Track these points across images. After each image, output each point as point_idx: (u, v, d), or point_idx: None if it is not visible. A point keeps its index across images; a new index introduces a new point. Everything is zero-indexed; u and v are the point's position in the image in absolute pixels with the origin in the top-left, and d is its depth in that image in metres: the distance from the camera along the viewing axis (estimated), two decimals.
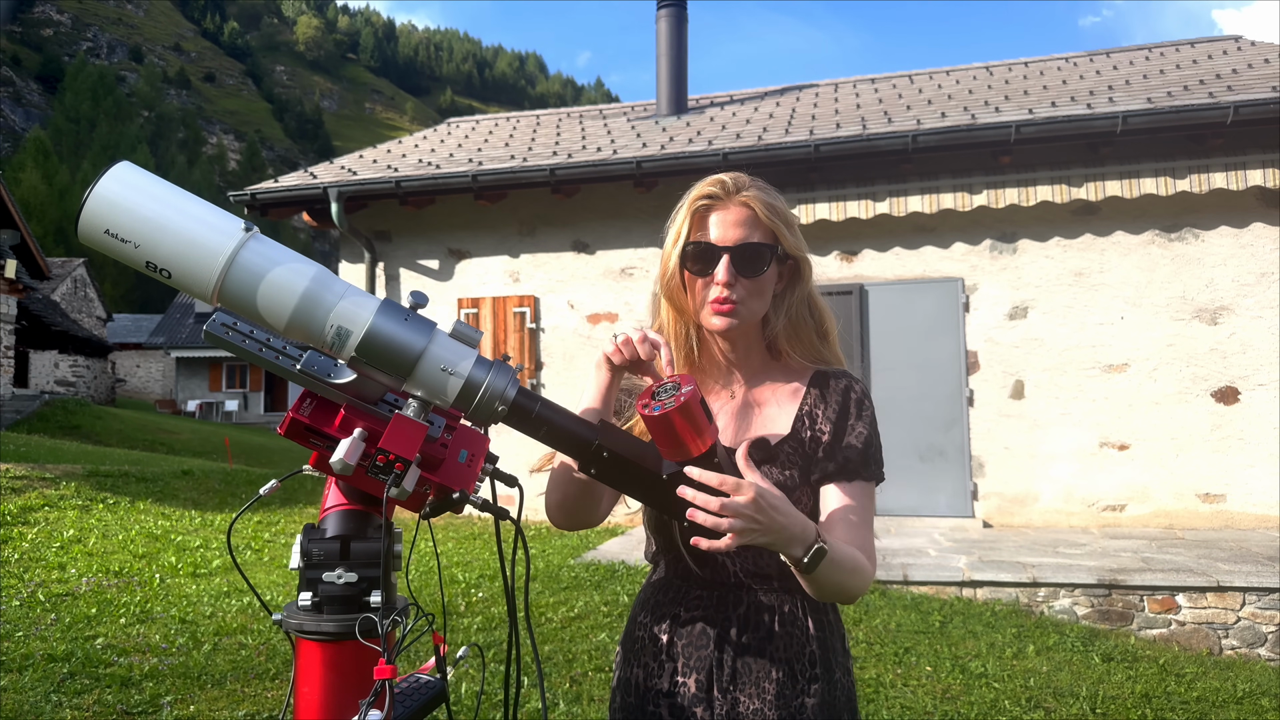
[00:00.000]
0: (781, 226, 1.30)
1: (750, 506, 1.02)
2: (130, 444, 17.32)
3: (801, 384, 1.37)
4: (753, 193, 1.30)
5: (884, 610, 4.94)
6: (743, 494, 1.02)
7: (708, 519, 1.02)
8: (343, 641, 0.93)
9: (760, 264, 1.28)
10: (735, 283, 1.27)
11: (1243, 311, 6.81)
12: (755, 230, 1.28)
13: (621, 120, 10.11)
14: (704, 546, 1.04)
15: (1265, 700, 3.89)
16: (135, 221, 0.85)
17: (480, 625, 4.64)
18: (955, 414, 7.31)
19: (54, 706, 3.40)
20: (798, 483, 1.30)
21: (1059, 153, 6.96)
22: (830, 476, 1.30)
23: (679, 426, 0.99)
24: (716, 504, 1.02)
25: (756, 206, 1.28)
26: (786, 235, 1.30)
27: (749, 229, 1.28)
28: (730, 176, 1.31)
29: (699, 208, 1.30)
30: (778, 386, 1.38)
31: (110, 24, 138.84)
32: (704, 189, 1.30)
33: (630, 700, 1.33)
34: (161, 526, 6.94)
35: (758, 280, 1.29)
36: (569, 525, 1.36)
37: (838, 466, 1.30)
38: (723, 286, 1.27)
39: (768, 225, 1.29)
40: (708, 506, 1.02)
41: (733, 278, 1.27)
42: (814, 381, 1.37)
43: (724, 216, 1.28)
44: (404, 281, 8.72)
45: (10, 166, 56.37)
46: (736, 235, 1.27)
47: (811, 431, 1.34)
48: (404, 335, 0.90)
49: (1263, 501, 6.65)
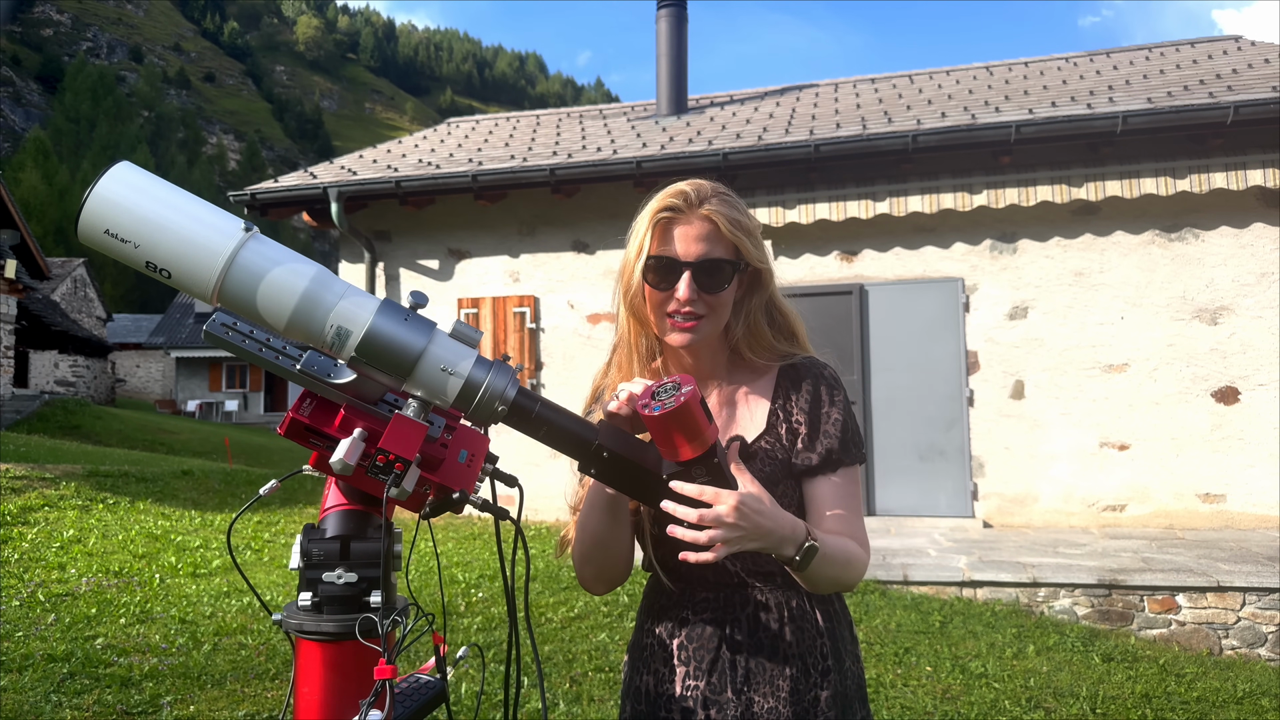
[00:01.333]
0: (744, 239, 1.28)
1: (732, 515, 1.02)
2: (130, 444, 17.32)
3: (770, 380, 1.38)
4: (715, 205, 1.27)
5: (884, 610, 4.94)
6: (722, 503, 1.02)
7: (687, 533, 1.02)
8: (343, 641, 0.93)
9: (722, 280, 1.27)
10: (697, 298, 1.26)
11: (1243, 311, 6.81)
12: (717, 245, 1.26)
13: (621, 120, 10.11)
14: (691, 559, 1.04)
15: (1265, 700, 3.89)
16: (135, 221, 0.85)
17: (480, 625, 4.64)
18: (955, 414, 7.31)
19: (54, 706, 3.40)
20: (779, 478, 1.31)
21: (1059, 153, 6.96)
22: (815, 469, 1.30)
23: (679, 427, 0.99)
24: (695, 515, 1.02)
25: (719, 220, 1.26)
26: (749, 248, 1.29)
27: (711, 244, 1.26)
28: (692, 187, 1.29)
29: (661, 220, 1.27)
30: (747, 386, 1.38)
31: (110, 24, 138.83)
32: (665, 200, 1.28)
33: (641, 708, 1.33)
34: (161, 526, 6.94)
35: (719, 295, 1.28)
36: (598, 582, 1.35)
37: (821, 459, 1.30)
38: (683, 302, 1.25)
39: (730, 239, 1.27)
40: (686, 519, 1.02)
41: (694, 294, 1.25)
42: (782, 375, 1.37)
43: (686, 230, 1.26)
44: (404, 281, 8.72)
45: (10, 166, 56.36)
46: (698, 250, 1.25)
47: (788, 425, 1.34)
48: (404, 335, 0.90)
49: (1263, 501, 6.65)
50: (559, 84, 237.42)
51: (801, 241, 7.68)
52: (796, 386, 1.35)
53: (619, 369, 1.39)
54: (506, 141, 9.69)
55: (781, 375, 1.38)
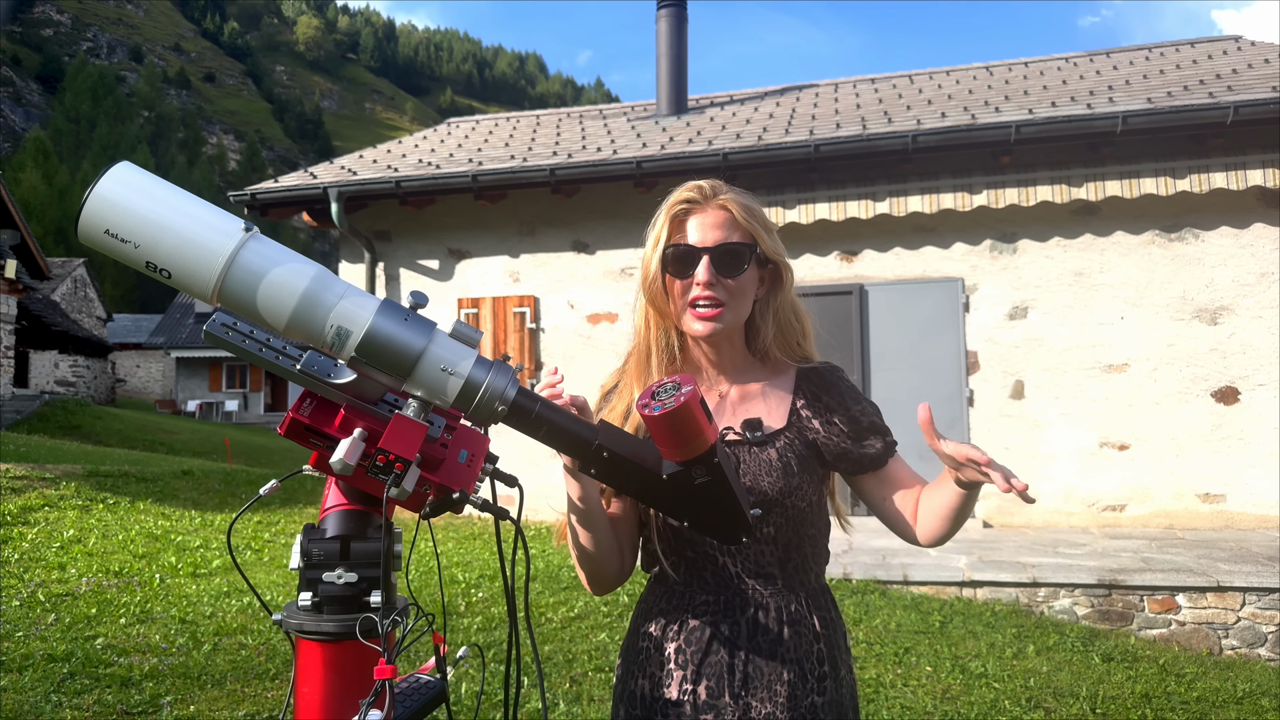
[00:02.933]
0: (759, 229, 1.31)
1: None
2: (130, 444, 17.31)
3: (789, 380, 1.40)
4: (730, 196, 1.32)
5: (884, 610, 4.94)
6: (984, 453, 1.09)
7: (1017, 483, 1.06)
8: (343, 641, 0.93)
9: (740, 264, 1.29)
10: (716, 283, 1.28)
11: (1243, 311, 6.81)
12: (734, 231, 1.30)
13: (621, 120, 10.11)
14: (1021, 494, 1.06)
15: (1265, 700, 3.89)
16: (135, 222, 0.85)
17: (480, 625, 4.64)
18: (955, 414, 7.31)
19: (54, 706, 3.40)
20: (795, 471, 1.31)
21: (1059, 153, 6.96)
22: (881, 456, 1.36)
23: (680, 426, 0.99)
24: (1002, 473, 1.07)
25: (734, 209, 1.30)
26: (765, 238, 1.32)
27: (727, 230, 1.30)
28: (708, 182, 1.33)
29: (677, 212, 1.31)
30: (765, 384, 1.40)
31: (110, 24, 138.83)
32: (682, 194, 1.32)
33: (636, 712, 1.31)
34: (161, 526, 6.94)
35: (738, 281, 1.30)
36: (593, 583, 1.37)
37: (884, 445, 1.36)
38: (703, 287, 1.28)
39: (746, 227, 1.30)
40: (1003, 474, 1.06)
41: (714, 278, 1.28)
42: (801, 379, 1.40)
43: (702, 219, 1.30)
44: (404, 281, 8.72)
45: (10, 166, 56.36)
46: (716, 237, 1.29)
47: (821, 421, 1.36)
48: (404, 335, 0.90)
49: (1263, 501, 6.65)
50: (559, 84, 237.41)
51: (801, 241, 7.68)
52: (818, 392, 1.38)
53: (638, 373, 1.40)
54: (506, 141, 9.69)
55: (802, 377, 1.40)
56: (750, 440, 1.32)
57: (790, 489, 1.30)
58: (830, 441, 1.35)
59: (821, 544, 1.39)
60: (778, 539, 1.31)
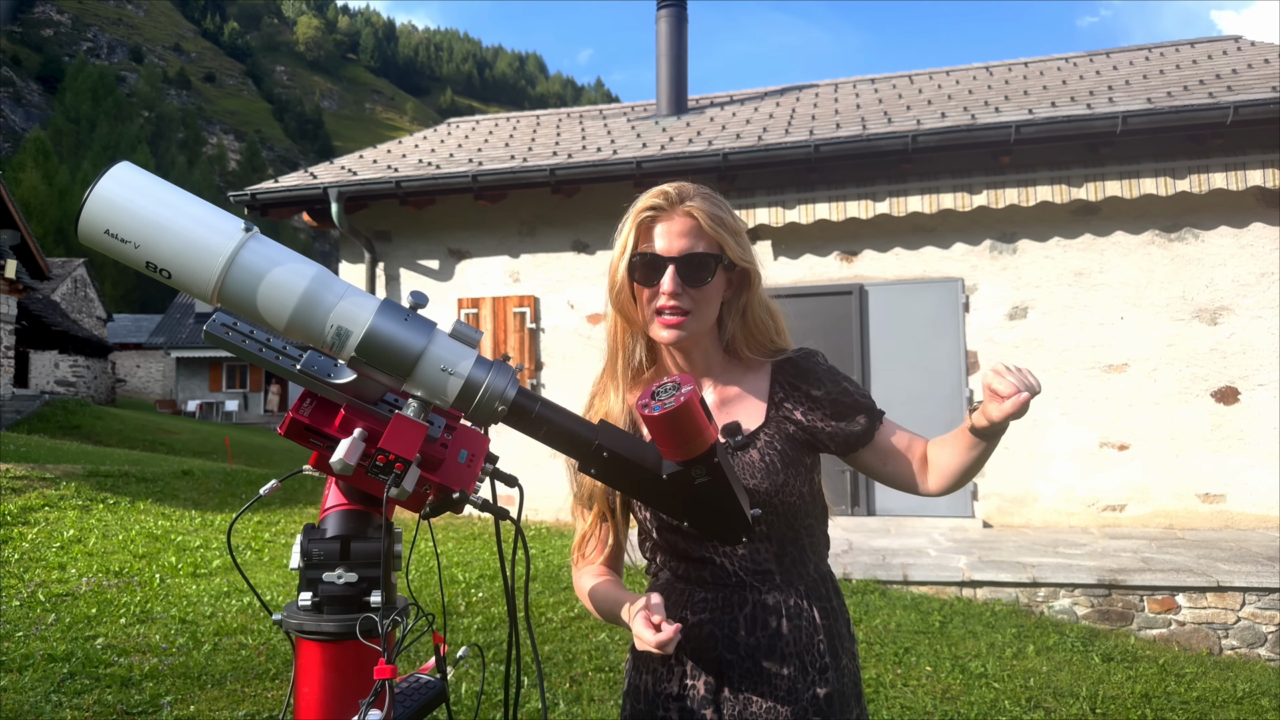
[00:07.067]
0: (726, 236, 1.31)
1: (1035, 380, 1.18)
2: (130, 444, 17.31)
3: (763, 375, 1.40)
4: (696, 203, 1.30)
5: (884, 610, 4.94)
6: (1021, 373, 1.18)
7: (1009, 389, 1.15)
8: (343, 641, 0.93)
9: (705, 274, 1.29)
10: (682, 292, 1.28)
11: (1243, 312, 6.81)
12: (700, 240, 1.29)
13: (621, 120, 10.11)
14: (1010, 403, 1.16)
15: (1265, 700, 3.89)
16: (135, 222, 0.85)
17: (480, 625, 4.64)
18: (955, 414, 7.30)
19: (54, 706, 3.40)
20: (779, 468, 1.32)
21: (1059, 153, 6.96)
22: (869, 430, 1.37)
23: (679, 426, 0.99)
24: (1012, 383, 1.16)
25: (700, 217, 1.29)
26: (731, 245, 1.31)
27: (693, 239, 1.29)
28: (674, 187, 1.32)
29: (644, 219, 1.31)
30: (742, 382, 1.40)
31: (110, 24, 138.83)
32: (648, 200, 1.31)
33: (640, 706, 1.34)
34: (161, 526, 6.94)
35: (703, 290, 1.30)
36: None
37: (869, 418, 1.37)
38: (668, 296, 1.28)
39: (712, 235, 1.30)
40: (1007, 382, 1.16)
41: (679, 287, 1.28)
42: (777, 371, 1.40)
43: (669, 226, 1.30)
44: (404, 281, 8.72)
45: (10, 166, 56.34)
46: (681, 245, 1.28)
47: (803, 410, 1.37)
48: (404, 335, 0.90)
49: (1263, 501, 6.65)
50: (559, 84, 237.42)
51: (801, 241, 7.68)
52: (801, 375, 1.39)
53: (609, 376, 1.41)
54: (506, 142, 9.69)
55: (777, 370, 1.40)
56: (732, 445, 1.33)
57: (776, 487, 1.31)
58: (815, 426, 1.36)
59: (819, 533, 1.40)
60: (771, 536, 1.32)
